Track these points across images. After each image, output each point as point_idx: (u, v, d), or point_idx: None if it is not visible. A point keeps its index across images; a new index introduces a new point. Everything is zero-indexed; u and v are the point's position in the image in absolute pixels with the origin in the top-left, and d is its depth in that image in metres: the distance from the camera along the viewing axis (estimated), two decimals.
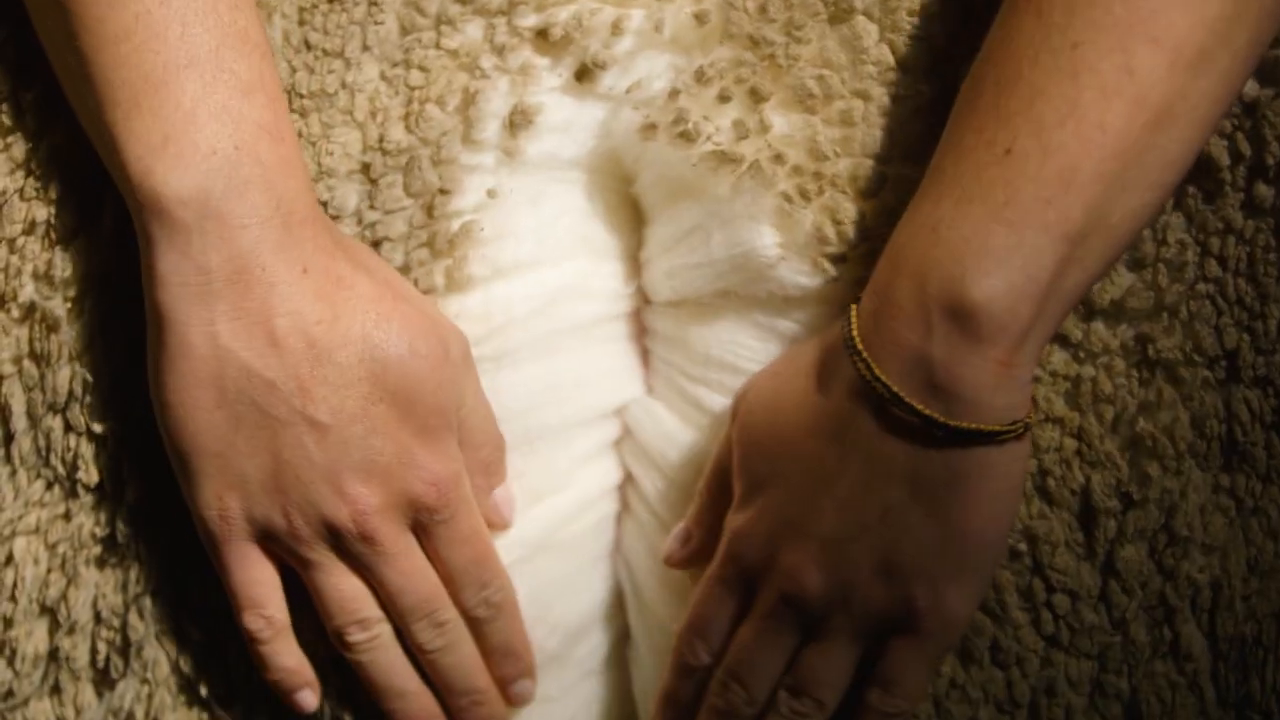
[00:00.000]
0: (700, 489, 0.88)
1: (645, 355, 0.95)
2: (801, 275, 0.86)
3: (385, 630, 0.86)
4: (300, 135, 0.87)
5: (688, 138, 0.86)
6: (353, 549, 0.82)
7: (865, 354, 0.77)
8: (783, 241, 0.85)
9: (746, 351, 0.89)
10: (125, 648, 0.89)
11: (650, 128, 0.87)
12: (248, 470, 0.81)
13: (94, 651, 0.90)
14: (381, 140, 0.87)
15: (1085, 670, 0.87)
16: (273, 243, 0.79)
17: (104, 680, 0.90)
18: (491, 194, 0.88)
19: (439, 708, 0.89)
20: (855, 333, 0.78)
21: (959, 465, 0.77)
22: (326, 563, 0.83)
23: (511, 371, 0.90)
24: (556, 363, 0.91)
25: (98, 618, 0.89)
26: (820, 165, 0.84)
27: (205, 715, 0.91)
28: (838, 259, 0.85)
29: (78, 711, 0.90)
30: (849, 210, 0.84)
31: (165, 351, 0.80)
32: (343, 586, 0.84)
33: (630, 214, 0.93)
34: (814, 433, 0.80)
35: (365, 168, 0.87)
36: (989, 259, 0.74)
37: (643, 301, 0.94)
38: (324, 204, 0.86)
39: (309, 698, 0.87)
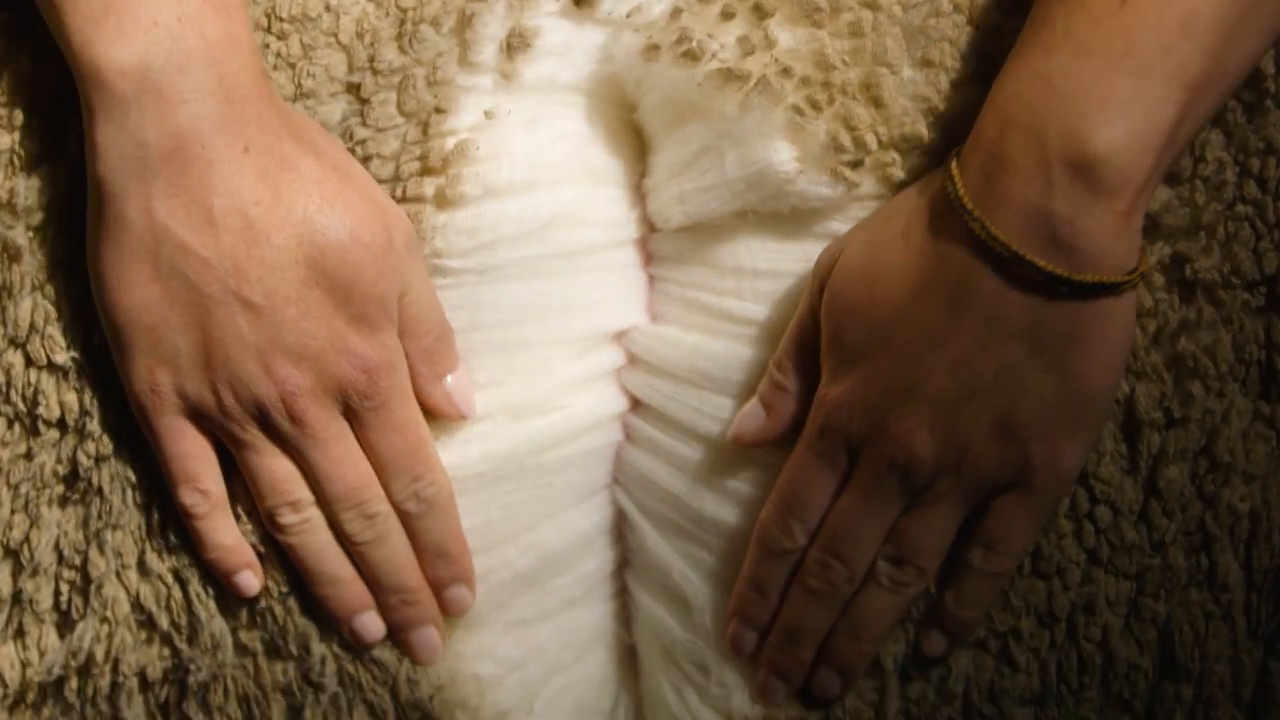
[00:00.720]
0: (776, 363, 0.85)
1: (650, 283, 0.93)
2: (821, 186, 0.85)
3: (317, 515, 0.84)
4: (279, 56, 0.86)
5: (692, 56, 0.85)
6: (282, 430, 0.81)
7: (977, 212, 0.76)
8: (798, 155, 0.84)
9: (780, 255, 0.88)
10: (85, 586, 0.86)
11: (653, 49, 0.86)
12: (180, 345, 0.80)
13: (56, 593, 0.87)
14: (372, 60, 0.86)
15: (1124, 591, 0.85)
16: (213, 119, 0.78)
17: (65, 622, 0.87)
18: (489, 114, 0.87)
19: (371, 600, 0.87)
20: (963, 191, 0.77)
21: (1080, 318, 0.77)
22: (258, 443, 0.82)
23: (495, 287, 0.88)
24: (544, 285, 0.89)
25: (60, 557, 0.86)
26: (829, 75, 0.84)
27: (166, 652, 0.87)
28: (856, 165, 0.84)
29: (41, 654, 0.87)
30: (863, 115, 0.84)
31: (103, 224, 0.79)
32: (274, 467, 0.83)
33: (631, 141, 0.92)
34: (921, 295, 0.79)
35: (354, 87, 0.86)
36: (1111, 109, 0.74)
37: (647, 230, 0.92)
38: None
39: (249, 579, 0.85)
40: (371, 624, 0.87)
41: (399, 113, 0.86)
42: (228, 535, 0.84)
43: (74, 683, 0.87)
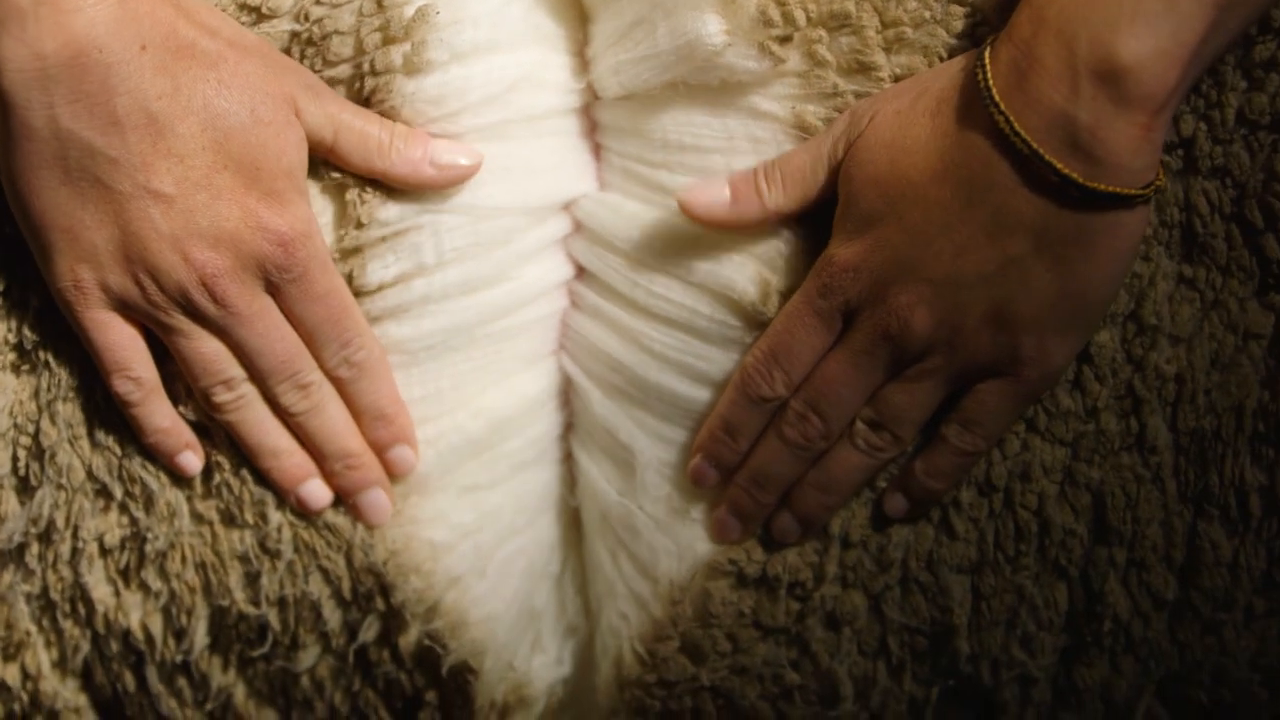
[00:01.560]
0: (766, 172, 0.85)
1: (597, 151, 0.94)
2: (749, 60, 0.85)
3: (251, 391, 0.86)
4: None
5: None
6: (207, 313, 0.83)
7: (1005, 108, 0.77)
8: (728, 28, 0.84)
9: (705, 130, 0.88)
10: (40, 454, 0.87)
11: None
12: (97, 242, 0.81)
13: (15, 460, 0.87)
14: None
15: (1059, 457, 0.86)
16: (108, 22, 0.79)
17: (25, 489, 0.88)
18: None
19: (314, 468, 0.88)
20: (992, 83, 0.77)
21: (1089, 225, 0.78)
22: (185, 327, 0.84)
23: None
24: (508, 149, 0.89)
25: (15, 425, 0.87)
26: None
27: (124, 520, 0.88)
28: (784, 40, 0.84)
29: (1, 520, 0.88)
30: None
31: (9, 135, 0.81)
32: (203, 349, 0.84)
33: (576, 7, 0.92)
34: (940, 178, 0.79)
35: None
36: (1141, 22, 0.74)
37: (591, 97, 0.92)
38: (256, 8, 0.86)
39: (190, 459, 0.87)
40: (318, 491, 0.89)
41: None
42: (164, 419, 0.86)
43: (35, 549, 0.88)
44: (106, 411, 0.87)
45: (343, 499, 0.89)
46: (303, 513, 0.89)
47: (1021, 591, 0.86)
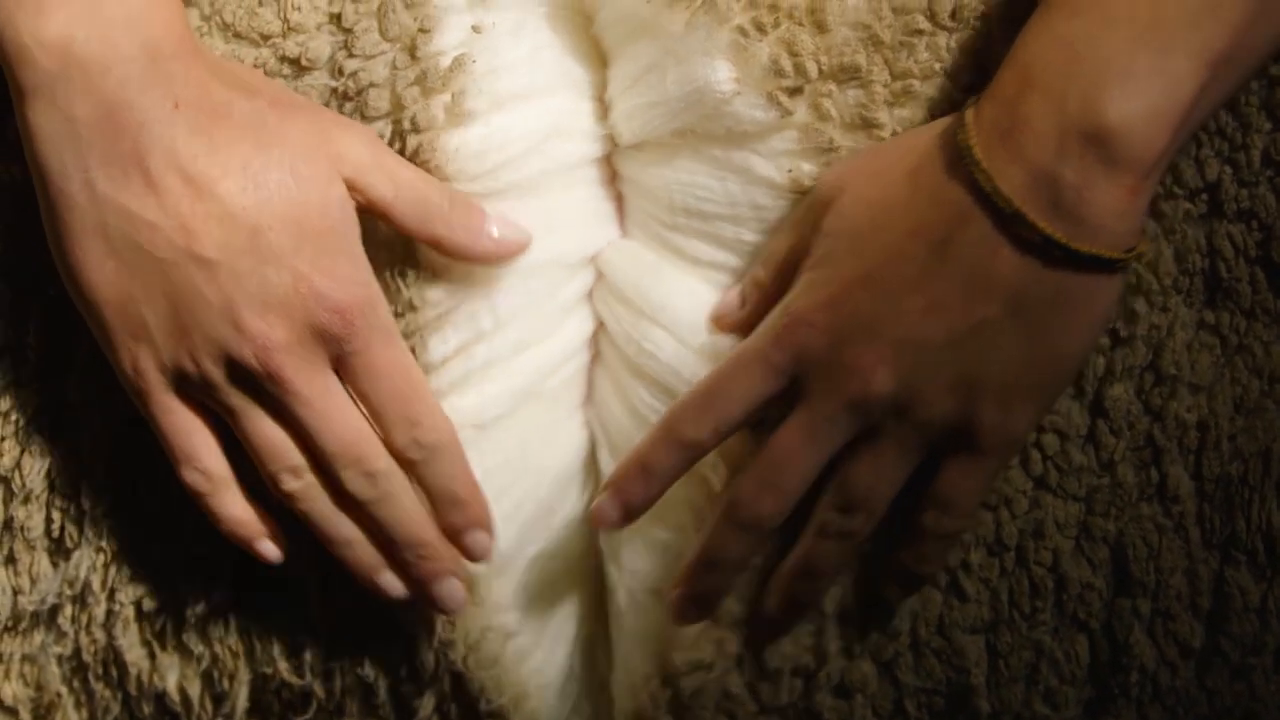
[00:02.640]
0: (762, 262, 0.84)
1: (619, 199, 0.92)
2: (757, 109, 0.83)
3: (319, 479, 0.82)
4: None
5: None
6: (265, 391, 0.79)
7: (985, 164, 0.75)
8: (738, 76, 0.83)
9: (705, 193, 0.86)
10: (80, 517, 0.87)
11: None
12: (148, 317, 0.78)
13: (49, 521, 0.87)
14: None
15: (1073, 513, 0.85)
16: (139, 81, 0.76)
17: (59, 550, 0.88)
18: (477, 29, 0.85)
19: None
20: (974, 143, 0.75)
21: (1066, 288, 0.75)
22: (246, 408, 0.80)
23: (500, 209, 0.86)
24: (544, 202, 0.88)
25: (52, 486, 0.87)
26: None
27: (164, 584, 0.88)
28: (794, 92, 0.83)
29: (33, 581, 0.87)
30: (806, 43, 0.82)
31: (50, 207, 0.78)
32: (267, 432, 0.80)
33: (596, 53, 0.91)
34: (915, 234, 0.77)
35: (335, 18, 0.84)
36: (1132, 82, 0.72)
37: (612, 145, 0.91)
38: (296, 59, 0.84)
39: (268, 547, 0.83)
40: (392, 583, 0.85)
41: (383, 39, 0.84)
42: (237, 508, 0.82)
43: (69, 611, 0.89)
44: (152, 479, 0.85)
45: (415, 589, 0.84)
46: (383, 600, 0.85)
47: (1040, 647, 0.86)
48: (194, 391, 0.80)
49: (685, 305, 0.87)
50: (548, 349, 0.89)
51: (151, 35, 0.77)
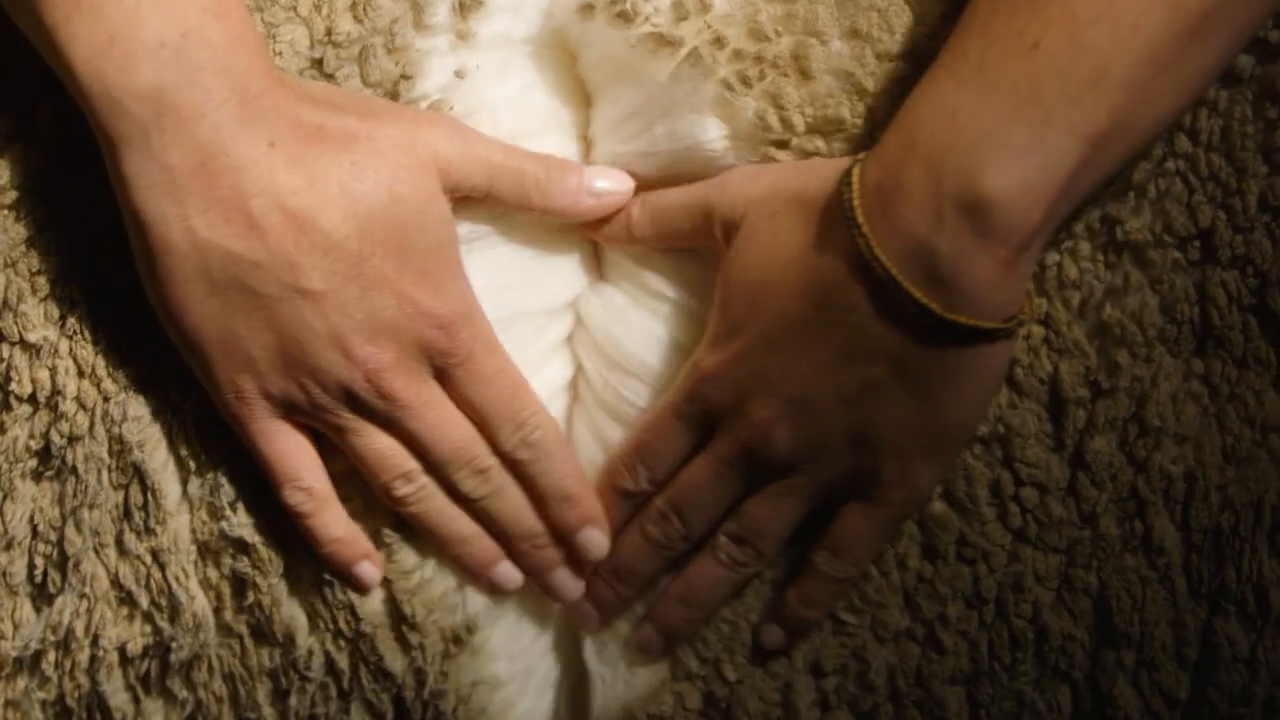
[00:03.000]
0: (654, 199, 0.86)
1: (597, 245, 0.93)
2: (745, 161, 0.85)
3: (430, 481, 0.84)
4: None
5: (625, 18, 0.82)
6: (375, 408, 0.81)
7: (866, 230, 0.75)
8: (728, 133, 0.83)
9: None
10: (63, 562, 0.88)
11: (588, 8, 0.84)
12: (253, 351, 0.80)
13: (31, 566, 0.88)
14: (330, 33, 0.84)
15: (1053, 565, 0.84)
16: (232, 125, 0.77)
17: (42, 595, 0.89)
18: (459, 74, 0.85)
19: (501, 551, 0.87)
20: (857, 204, 0.75)
21: (949, 355, 0.76)
22: (355, 425, 0.82)
23: (484, 254, 0.87)
24: (530, 247, 0.89)
25: (34, 532, 0.88)
26: (761, 47, 0.82)
27: (148, 629, 0.89)
28: (781, 145, 0.83)
29: (15, 627, 0.89)
30: (791, 95, 0.82)
31: (150, 253, 0.79)
32: (378, 445, 0.82)
33: (580, 92, 0.91)
34: (803, 293, 0.78)
35: (317, 63, 0.85)
36: (1009, 155, 0.72)
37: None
38: None
39: (369, 570, 0.85)
40: (510, 572, 0.87)
41: (364, 84, 0.85)
42: (339, 528, 0.84)
43: (52, 656, 0.90)
44: (139, 518, 0.87)
45: (535, 577, 0.87)
46: (494, 593, 0.88)
47: (1021, 697, 0.85)
48: (299, 415, 0.82)
49: (654, 354, 0.88)
50: None
51: (239, 76, 0.78)
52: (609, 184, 0.86)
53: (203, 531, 0.87)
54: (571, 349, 0.92)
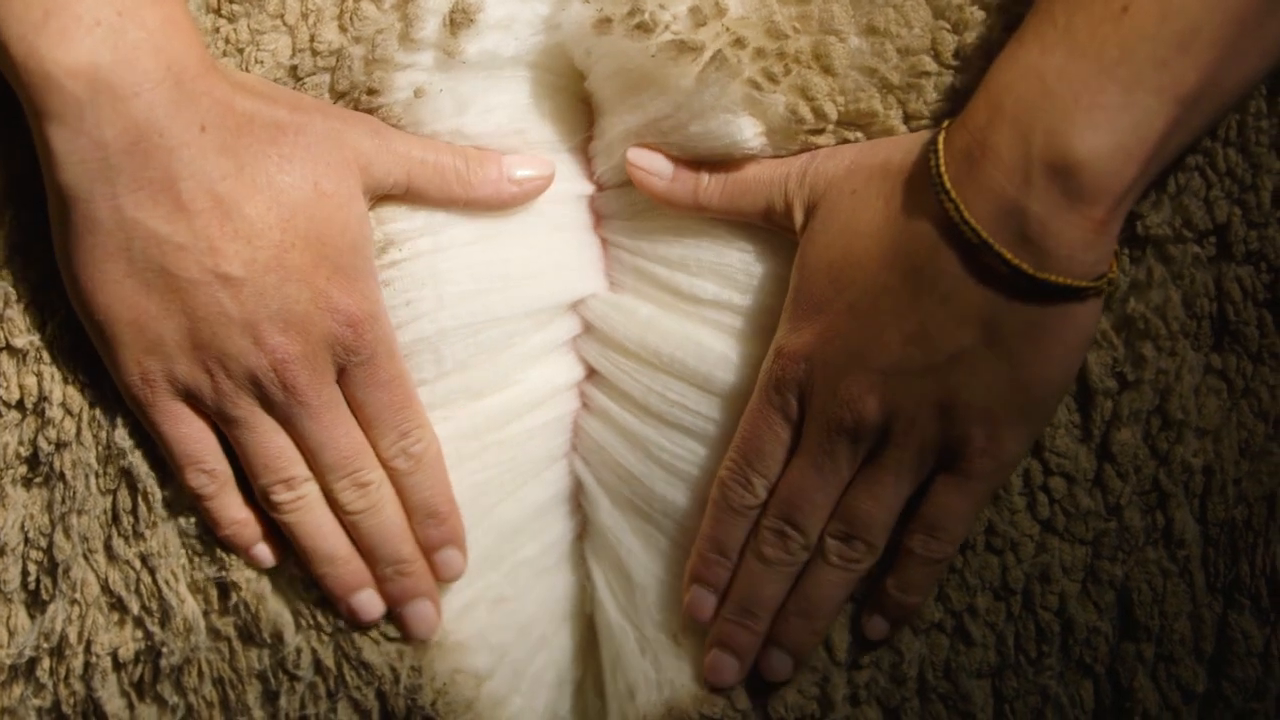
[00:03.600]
0: (730, 168, 0.85)
1: (604, 247, 0.92)
2: (783, 153, 0.85)
3: (312, 491, 0.85)
4: (228, 41, 0.84)
5: (645, 29, 0.82)
6: (275, 399, 0.82)
7: (955, 195, 0.75)
8: (763, 129, 0.83)
9: (723, 228, 0.87)
10: (53, 569, 0.86)
11: (605, 21, 0.83)
12: (164, 333, 0.80)
13: (25, 574, 0.87)
14: (312, 40, 0.84)
15: (1079, 556, 0.85)
16: (167, 105, 0.77)
17: (35, 602, 0.87)
18: (419, 93, 0.85)
19: (369, 577, 0.87)
20: (944, 170, 0.76)
21: (1039, 317, 0.76)
22: (252, 419, 0.82)
23: (452, 257, 0.87)
24: (505, 253, 0.88)
25: (26, 539, 0.86)
26: (782, 44, 0.82)
27: (139, 634, 0.88)
28: (818, 133, 0.83)
29: (11, 634, 0.87)
30: (820, 85, 0.82)
31: (70, 229, 0.78)
32: (268, 444, 0.83)
33: (573, 109, 0.91)
34: (890, 264, 0.78)
35: (292, 70, 0.84)
36: (1099, 117, 0.72)
37: (598, 189, 0.91)
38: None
39: (265, 552, 0.86)
40: (370, 601, 0.87)
41: (331, 93, 0.85)
42: (238, 510, 0.85)
43: (46, 663, 0.88)
44: (127, 523, 0.86)
45: (390, 606, 0.87)
46: (351, 622, 0.87)
47: (1046, 691, 0.85)
48: (200, 402, 0.82)
49: (694, 356, 0.87)
50: (502, 398, 0.90)
51: (175, 57, 0.77)
52: (530, 171, 0.87)
53: (189, 531, 0.87)
54: (576, 354, 0.93)
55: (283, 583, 0.87)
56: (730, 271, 0.87)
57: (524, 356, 0.90)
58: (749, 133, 0.83)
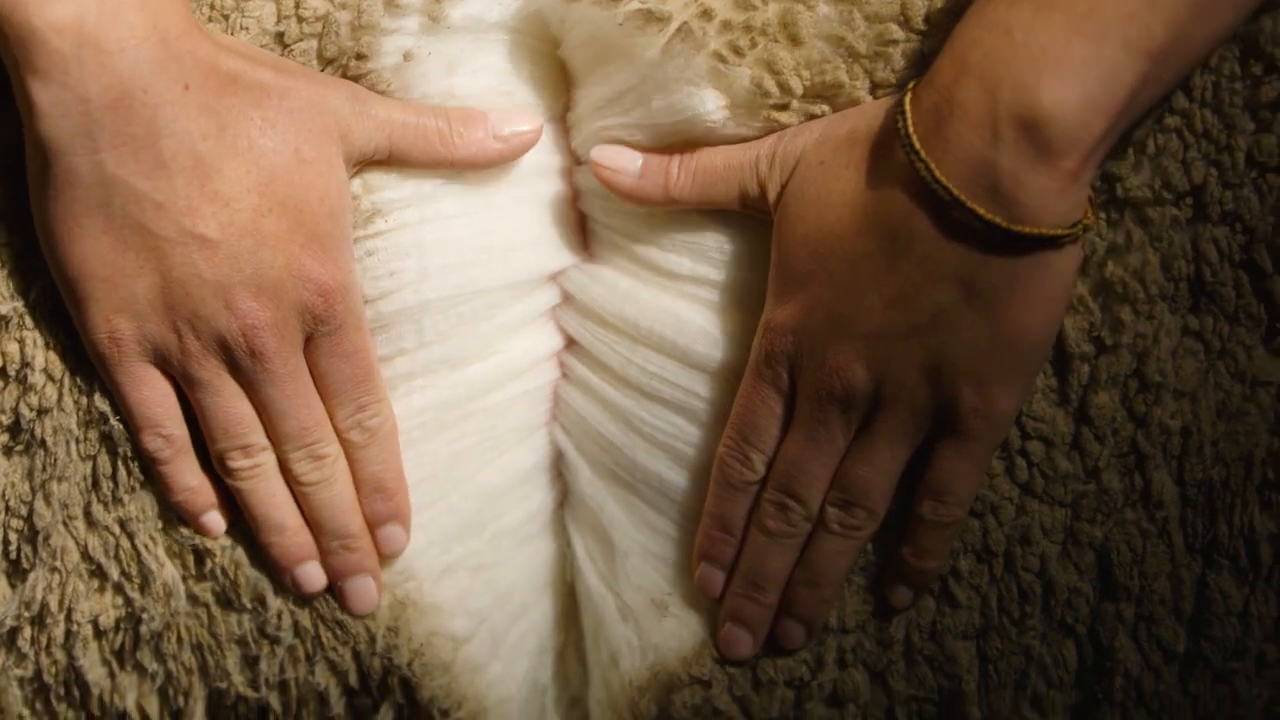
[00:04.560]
0: (699, 158, 0.85)
1: (581, 220, 0.93)
2: (750, 130, 0.85)
3: (269, 460, 0.85)
4: (213, 7, 0.84)
5: None
6: (242, 364, 0.82)
7: (924, 154, 0.75)
8: (726, 103, 0.83)
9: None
10: (33, 536, 0.86)
11: None
12: (137, 291, 0.80)
13: (5, 542, 0.87)
14: (298, 6, 0.84)
15: (1059, 518, 0.85)
16: (151, 62, 0.77)
17: (16, 571, 0.87)
18: (408, 56, 0.85)
19: (315, 550, 0.87)
20: (912, 130, 0.76)
21: (1016, 268, 0.76)
22: (216, 381, 0.83)
23: (438, 228, 0.87)
24: (488, 224, 0.89)
25: (6, 507, 0.86)
26: (749, 16, 0.82)
27: (119, 600, 0.88)
28: (781, 108, 0.83)
29: None
30: (786, 59, 0.82)
31: (50, 182, 0.78)
32: (229, 408, 0.83)
33: (556, 75, 0.91)
34: (864, 230, 0.78)
35: (279, 36, 0.84)
36: (1067, 70, 0.72)
37: (575, 163, 0.92)
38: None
39: (216, 519, 0.87)
40: (313, 573, 0.88)
41: (319, 59, 0.85)
42: (192, 477, 0.86)
43: (28, 632, 0.88)
44: (107, 489, 0.86)
45: (332, 580, 0.88)
46: (293, 592, 0.88)
47: (1029, 652, 0.86)
48: (165, 364, 0.82)
49: (672, 328, 0.88)
50: (484, 368, 0.90)
51: (159, 14, 0.77)
52: (516, 127, 0.87)
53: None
54: (556, 324, 0.93)
55: (259, 547, 0.88)
56: (705, 248, 0.87)
57: (505, 327, 0.90)
58: (711, 105, 0.83)
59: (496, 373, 0.91)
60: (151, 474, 0.86)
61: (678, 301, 0.87)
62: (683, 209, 0.86)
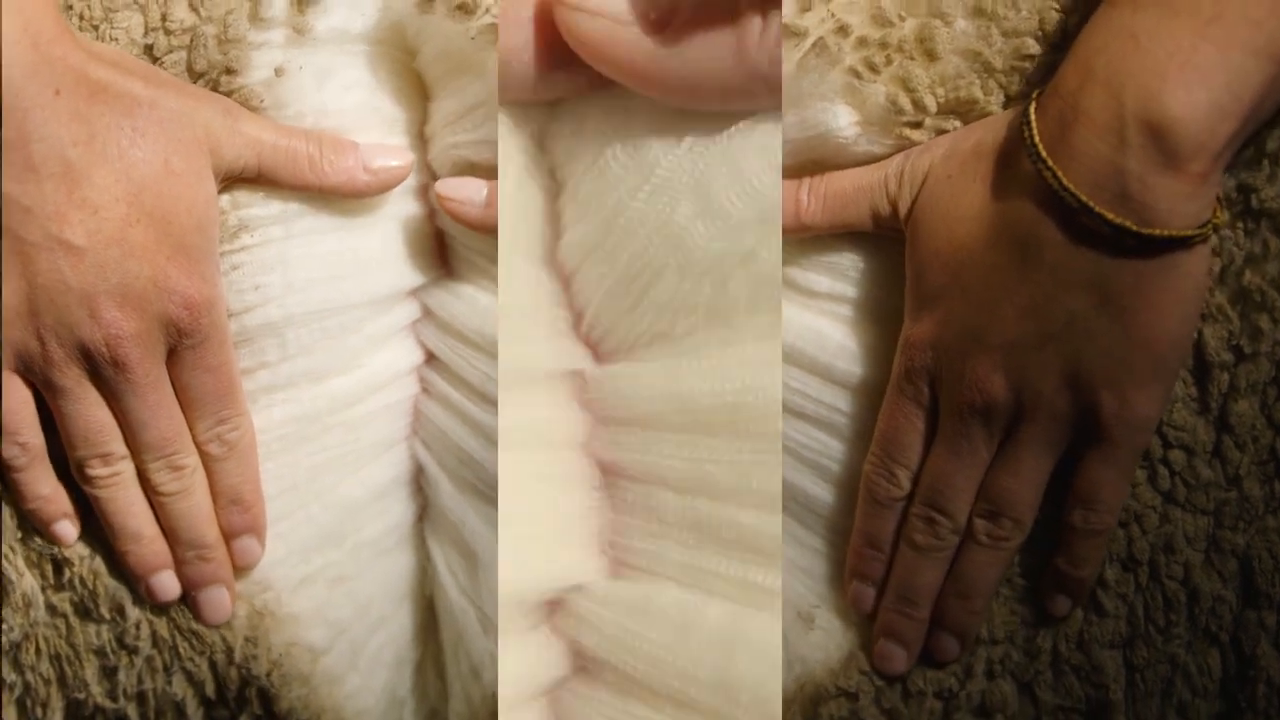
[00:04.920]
0: (828, 182, 0.85)
1: (438, 235, 0.93)
2: (880, 147, 0.85)
3: (128, 469, 0.85)
4: (81, 18, 0.85)
5: (466, 10, 0.83)
6: (104, 374, 0.82)
7: (1051, 162, 0.75)
8: (858, 119, 0.84)
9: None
10: None
11: (428, 1, 0.84)
12: (2, 296, 0.80)
13: None
14: (164, 19, 0.85)
15: (1202, 526, 0.86)
16: (23, 65, 0.77)
17: None
18: (279, 71, 0.86)
19: (170, 559, 0.88)
20: (1038, 139, 0.76)
21: (1147, 271, 0.77)
22: (78, 389, 0.83)
23: (304, 243, 0.88)
24: (352, 239, 0.89)
25: None
26: (886, 32, 0.83)
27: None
28: (915, 126, 0.84)
29: None
30: (920, 77, 0.83)
31: None
32: (90, 416, 0.83)
33: (417, 88, 0.92)
34: (994, 242, 0.79)
35: (148, 48, 0.85)
36: (1193, 75, 0.73)
37: (430, 177, 0.92)
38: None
39: (68, 528, 0.87)
40: (168, 582, 0.89)
41: (189, 73, 0.86)
42: (45, 486, 0.86)
43: None
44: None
45: (186, 590, 0.89)
46: (148, 600, 0.88)
47: (1175, 660, 0.86)
48: (26, 370, 0.82)
49: (812, 343, 0.88)
50: (346, 381, 0.91)
51: (31, 18, 0.78)
52: (387, 161, 0.88)
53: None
54: (416, 338, 0.94)
55: (116, 558, 0.88)
56: (842, 266, 0.88)
57: (367, 341, 0.91)
58: (843, 120, 0.84)
59: (358, 386, 0.91)
60: (8, 482, 0.86)
61: (818, 319, 0.88)
62: (815, 234, 0.86)
